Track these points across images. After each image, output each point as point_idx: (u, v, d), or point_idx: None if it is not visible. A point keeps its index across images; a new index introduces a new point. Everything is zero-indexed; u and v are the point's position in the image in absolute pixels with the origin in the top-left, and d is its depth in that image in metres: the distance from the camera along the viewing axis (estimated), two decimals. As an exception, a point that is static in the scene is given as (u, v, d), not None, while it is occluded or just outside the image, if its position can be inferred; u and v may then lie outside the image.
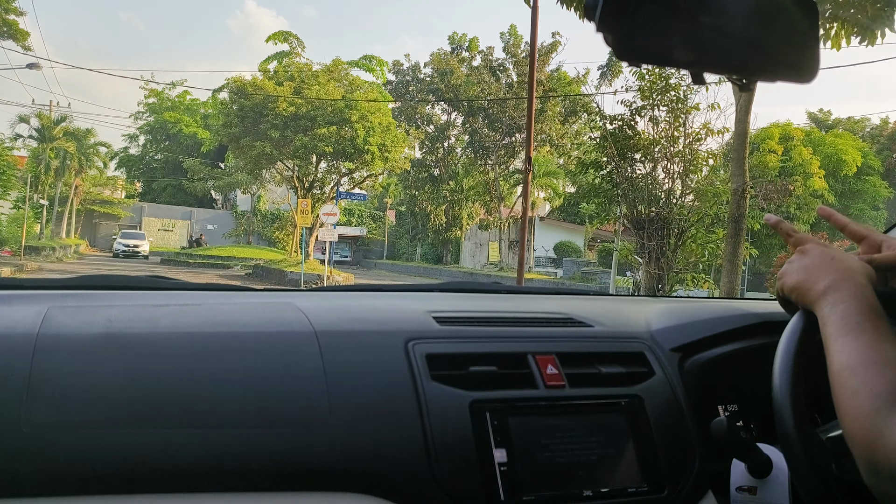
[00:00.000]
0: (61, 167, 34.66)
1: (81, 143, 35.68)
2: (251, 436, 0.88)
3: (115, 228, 43.03)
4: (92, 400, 0.85)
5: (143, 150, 54.80)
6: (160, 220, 46.26)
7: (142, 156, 54.92)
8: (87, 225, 44.40)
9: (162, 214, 46.65)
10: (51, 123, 33.25)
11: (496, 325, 1.18)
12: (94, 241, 44.04)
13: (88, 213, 43.47)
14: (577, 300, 1.57)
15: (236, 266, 29.16)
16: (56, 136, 33.55)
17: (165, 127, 52.34)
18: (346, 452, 0.90)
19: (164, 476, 0.83)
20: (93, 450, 0.81)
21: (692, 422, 1.12)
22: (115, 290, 1.26)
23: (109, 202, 44.26)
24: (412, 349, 1.03)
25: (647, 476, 1.04)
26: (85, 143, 36.20)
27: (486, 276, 28.27)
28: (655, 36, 0.64)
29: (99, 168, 40.90)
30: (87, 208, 42.61)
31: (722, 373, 1.21)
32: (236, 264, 29.55)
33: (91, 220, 44.43)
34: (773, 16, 0.69)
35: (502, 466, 0.96)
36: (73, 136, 34.90)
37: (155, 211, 46.79)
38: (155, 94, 53.79)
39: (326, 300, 1.30)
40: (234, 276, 23.93)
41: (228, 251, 32.43)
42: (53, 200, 36.32)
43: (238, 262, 29.87)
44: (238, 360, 0.95)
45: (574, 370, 1.09)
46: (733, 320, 1.28)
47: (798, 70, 0.71)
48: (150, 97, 53.86)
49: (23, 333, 0.90)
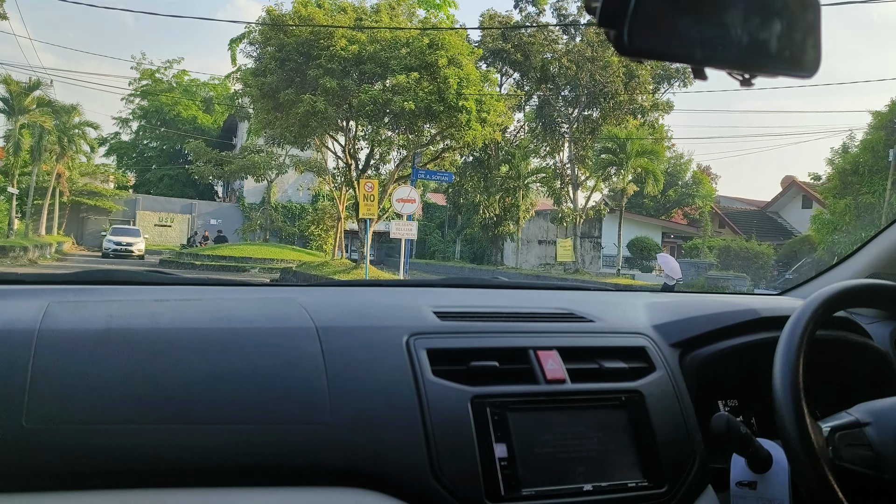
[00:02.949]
0: (37, 148, 28.46)
1: (63, 121, 29.54)
2: (252, 432, 0.88)
3: (106, 224, 37.12)
4: (93, 395, 0.85)
5: (137, 137, 49.50)
6: (157, 214, 40.32)
7: (135, 142, 49.62)
8: (74, 220, 38.40)
9: (159, 208, 40.69)
10: (21, 91, 26.85)
11: (497, 320, 1.18)
12: (81, 239, 38.15)
13: (75, 206, 37.49)
14: (578, 295, 1.58)
15: (254, 269, 23.51)
16: (28, 108, 26.96)
17: (161, 110, 46.97)
18: (347, 448, 0.91)
19: (164, 471, 0.84)
20: (93, 445, 0.82)
21: (693, 417, 1.13)
22: (116, 284, 1.26)
23: (98, 194, 38.27)
24: (413, 344, 1.04)
25: (648, 471, 1.04)
26: (67, 121, 30.09)
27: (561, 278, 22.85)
28: (656, 31, 0.64)
29: (86, 153, 34.94)
30: (72, 201, 36.65)
31: (722, 368, 1.23)
32: (254, 266, 23.88)
33: (78, 215, 38.44)
34: (774, 10, 0.69)
35: (503, 461, 0.96)
36: (50, 107, 28.58)
37: (151, 204, 40.85)
38: (148, 74, 48.34)
39: (327, 296, 1.32)
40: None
41: (242, 250, 26.44)
42: (29, 190, 30.31)
43: (256, 265, 24.17)
44: (239, 355, 0.95)
45: (575, 365, 1.10)
46: (734, 316, 1.29)
47: (800, 64, 0.71)
48: (144, 78, 48.63)
49: (24, 328, 0.90)
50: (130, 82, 46.96)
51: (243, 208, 39.69)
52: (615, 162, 23.28)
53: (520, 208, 28.93)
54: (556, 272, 25.84)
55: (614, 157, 23.22)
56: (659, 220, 32.02)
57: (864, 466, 0.96)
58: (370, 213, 14.95)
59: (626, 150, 22.71)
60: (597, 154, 24.54)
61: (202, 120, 47.67)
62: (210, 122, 48.15)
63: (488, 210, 29.59)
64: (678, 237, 31.64)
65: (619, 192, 24.79)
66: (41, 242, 26.60)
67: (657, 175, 23.38)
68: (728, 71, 0.69)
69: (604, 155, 23.73)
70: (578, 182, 26.32)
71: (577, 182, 26.15)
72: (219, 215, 40.73)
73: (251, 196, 39.97)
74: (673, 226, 32.30)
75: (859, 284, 1.08)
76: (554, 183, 26.92)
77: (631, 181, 23.73)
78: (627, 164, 22.62)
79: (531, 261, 32.22)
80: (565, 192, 26.74)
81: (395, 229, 13.88)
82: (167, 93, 47.96)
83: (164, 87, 48.39)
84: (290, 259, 24.79)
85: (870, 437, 0.97)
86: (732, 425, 0.97)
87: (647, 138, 23.73)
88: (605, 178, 24.84)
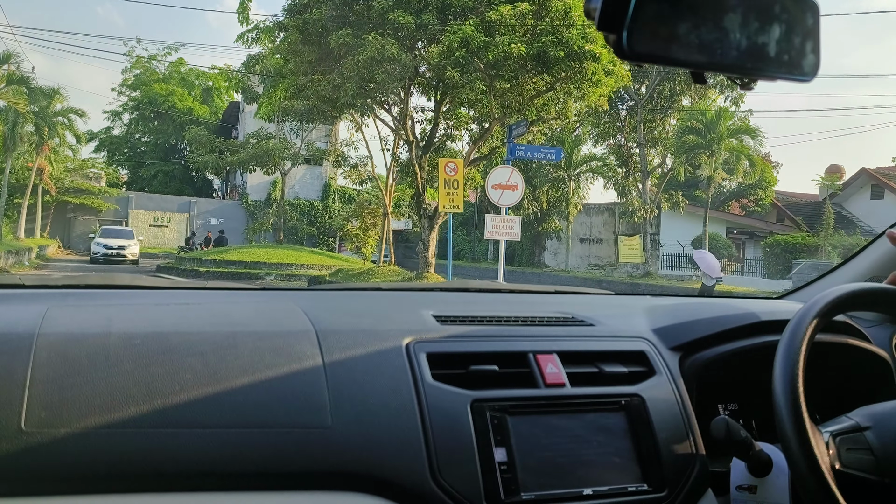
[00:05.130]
0: (10, 137, 24.38)
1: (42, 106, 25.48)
2: (252, 436, 0.88)
3: (96, 224, 33.15)
4: (92, 399, 0.85)
5: (129, 131, 45.92)
6: (152, 214, 36.34)
7: (126, 137, 46.01)
8: (60, 221, 34.46)
9: (154, 206, 36.68)
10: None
11: (497, 325, 1.18)
12: (67, 242, 34.22)
13: (60, 205, 33.56)
14: (578, 299, 1.57)
15: (269, 277, 19.71)
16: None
17: (155, 101, 43.30)
18: (346, 452, 0.90)
19: (163, 475, 0.83)
20: (93, 449, 0.82)
21: (693, 421, 1.12)
22: (116, 289, 1.26)
23: (87, 191, 34.28)
24: (413, 348, 1.04)
25: (648, 475, 1.04)
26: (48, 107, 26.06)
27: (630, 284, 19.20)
28: (656, 36, 0.65)
29: (72, 147, 31.00)
30: (58, 199, 32.71)
31: (722, 372, 1.23)
32: (269, 273, 20.08)
33: (64, 215, 34.47)
34: (773, 14, 0.69)
35: (502, 466, 0.96)
36: (24, 84, 24.50)
37: (145, 202, 36.85)
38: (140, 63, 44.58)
39: (327, 300, 1.32)
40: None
41: (254, 254, 22.46)
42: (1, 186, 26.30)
43: (272, 271, 20.38)
44: (238, 359, 0.95)
45: (575, 369, 1.10)
46: (734, 319, 1.28)
47: (799, 68, 0.71)
48: (136, 67, 44.88)
49: (23, 333, 0.91)
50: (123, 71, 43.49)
51: (247, 206, 36.01)
52: (702, 145, 19.47)
53: (570, 202, 25.24)
54: (620, 276, 22.09)
55: (701, 138, 19.42)
56: (721, 212, 28.24)
57: (864, 471, 0.96)
58: (454, 204, 10.84)
59: (714, 130, 18.96)
60: (678, 135, 20.68)
61: (199, 112, 44.03)
62: (208, 113, 44.46)
63: (532, 204, 25.83)
64: (742, 232, 27.90)
65: (704, 180, 20.99)
66: (17, 247, 22.68)
67: (753, 159, 19.62)
68: (727, 75, 0.69)
69: (688, 136, 19.88)
70: (648, 169, 22.46)
71: (647, 170, 22.29)
72: (220, 214, 36.93)
73: (255, 192, 36.20)
74: (739, 220, 28.51)
75: (860, 288, 1.06)
76: (617, 171, 23.12)
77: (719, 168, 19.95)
78: (719, 145, 18.84)
79: (571, 260, 28.50)
80: (631, 182, 22.90)
81: (491, 227, 10.12)
82: (161, 83, 44.27)
83: (159, 77, 44.71)
84: (312, 264, 20.93)
85: (870, 441, 0.98)
86: (732, 429, 0.99)
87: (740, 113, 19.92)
88: (690, 163, 20.91)
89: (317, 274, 18.42)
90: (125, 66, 43.98)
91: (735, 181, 21.24)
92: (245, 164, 25.41)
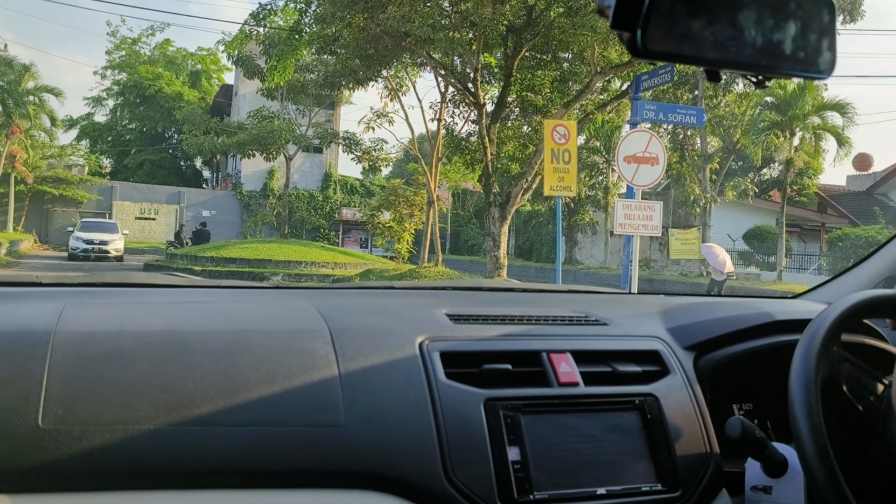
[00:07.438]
0: None
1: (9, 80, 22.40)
2: (265, 434, 0.88)
3: (77, 217, 30.03)
4: (107, 397, 0.86)
5: (113, 117, 42.86)
6: (138, 205, 33.23)
7: (110, 124, 42.94)
8: (36, 213, 31.31)
9: (140, 197, 33.54)
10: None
11: (510, 324, 1.18)
12: (45, 236, 31.10)
13: (36, 196, 30.45)
14: (592, 298, 1.56)
15: (276, 276, 16.88)
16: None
17: (140, 85, 40.24)
18: (360, 450, 0.91)
19: (177, 473, 0.84)
20: (108, 446, 0.83)
21: (707, 421, 1.12)
22: (130, 287, 1.27)
23: (65, 181, 31.16)
24: (426, 347, 1.04)
25: (662, 475, 1.03)
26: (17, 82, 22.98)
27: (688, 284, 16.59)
28: (670, 34, 0.64)
29: (47, 130, 27.90)
30: (34, 189, 29.63)
31: (737, 371, 1.22)
32: (275, 272, 17.22)
33: (41, 206, 31.34)
34: (788, 12, 0.69)
35: (516, 465, 0.96)
36: None
37: (131, 193, 33.70)
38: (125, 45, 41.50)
39: (340, 298, 1.31)
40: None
41: (257, 250, 19.48)
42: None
43: (279, 270, 17.51)
44: (251, 357, 0.95)
45: (588, 368, 1.10)
46: (748, 319, 1.27)
47: (816, 66, 0.71)
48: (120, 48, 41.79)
49: (40, 330, 0.92)
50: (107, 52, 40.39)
51: (241, 196, 33.02)
52: (780, 123, 16.76)
53: (609, 191, 22.54)
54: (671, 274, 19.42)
55: (781, 115, 16.71)
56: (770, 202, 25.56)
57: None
58: (564, 185, 7.79)
59: (795, 107, 16.28)
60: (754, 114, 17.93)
61: (189, 96, 40.94)
62: (197, 98, 41.39)
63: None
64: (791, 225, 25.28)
65: (783, 164, 18.30)
66: (-17, 243, 19.73)
67: (843, 140, 16.91)
68: (742, 73, 0.69)
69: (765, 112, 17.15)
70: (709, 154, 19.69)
71: (707, 153, 19.55)
72: (212, 205, 33.93)
73: (250, 182, 33.25)
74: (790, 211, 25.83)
75: (885, 295, 1.05)
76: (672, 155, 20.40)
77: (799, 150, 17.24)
78: (804, 121, 16.14)
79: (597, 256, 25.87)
80: (686, 168, 20.17)
81: (623, 218, 7.33)
82: (147, 65, 41.17)
83: (144, 59, 41.62)
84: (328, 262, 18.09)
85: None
86: (747, 429, 0.98)
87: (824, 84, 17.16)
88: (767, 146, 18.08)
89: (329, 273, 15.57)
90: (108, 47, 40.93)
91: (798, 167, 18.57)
92: (245, 147, 22.35)
